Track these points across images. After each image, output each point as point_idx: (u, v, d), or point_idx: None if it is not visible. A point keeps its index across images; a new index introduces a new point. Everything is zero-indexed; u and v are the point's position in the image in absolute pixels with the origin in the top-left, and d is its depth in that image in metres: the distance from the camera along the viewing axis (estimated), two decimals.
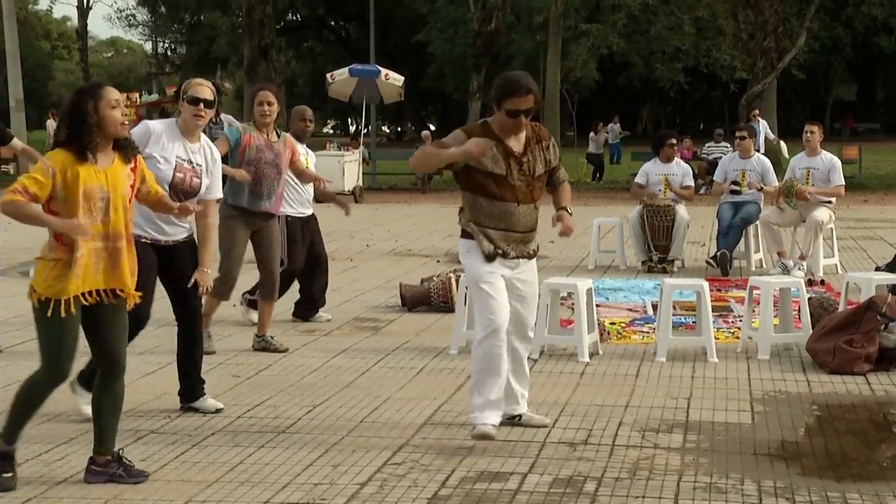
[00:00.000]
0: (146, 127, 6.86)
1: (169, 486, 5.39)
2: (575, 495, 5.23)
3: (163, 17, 67.33)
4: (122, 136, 5.43)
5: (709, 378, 7.69)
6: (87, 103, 5.32)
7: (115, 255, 5.41)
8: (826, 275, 12.09)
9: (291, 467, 5.67)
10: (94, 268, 5.34)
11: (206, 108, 6.84)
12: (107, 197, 5.34)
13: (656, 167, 13.36)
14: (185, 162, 6.74)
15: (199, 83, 6.97)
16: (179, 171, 6.68)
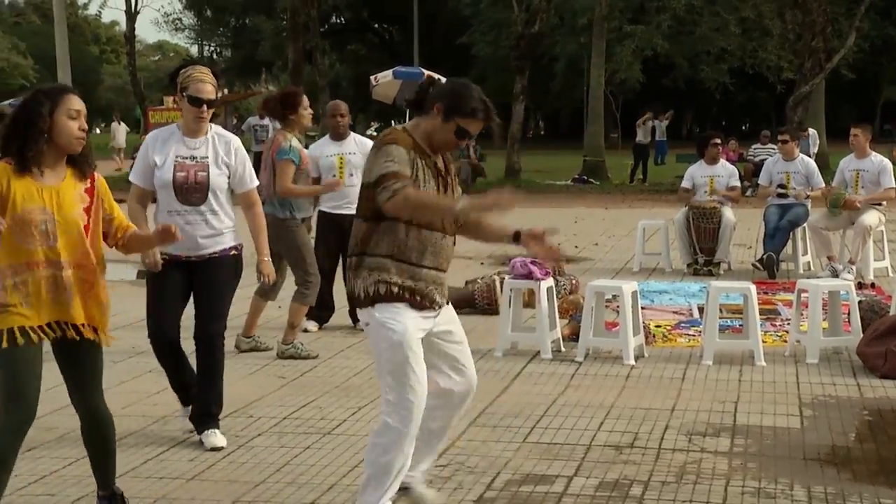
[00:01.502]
0: (147, 140, 6.36)
1: (216, 486, 5.42)
2: (621, 499, 5.21)
3: (209, 20, 67.74)
4: (75, 151, 4.77)
5: (756, 382, 7.62)
6: (44, 106, 4.68)
7: (68, 285, 4.74)
8: (877, 278, 11.98)
9: (337, 468, 5.68)
10: (44, 297, 4.70)
11: (208, 108, 6.26)
12: (50, 219, 4.69)
13: (701, 169, 13.28)
14: (185, 159, 6.20)
15: (199, 78, 6.22)
16: (180, 170, 6.16)
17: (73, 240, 4.72)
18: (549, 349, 8.46)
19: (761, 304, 9.20)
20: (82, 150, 4.80)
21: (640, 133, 32.40)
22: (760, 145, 28.01)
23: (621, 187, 29.64)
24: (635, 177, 31.56)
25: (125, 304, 9.57)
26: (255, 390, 7.39)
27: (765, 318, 9.31)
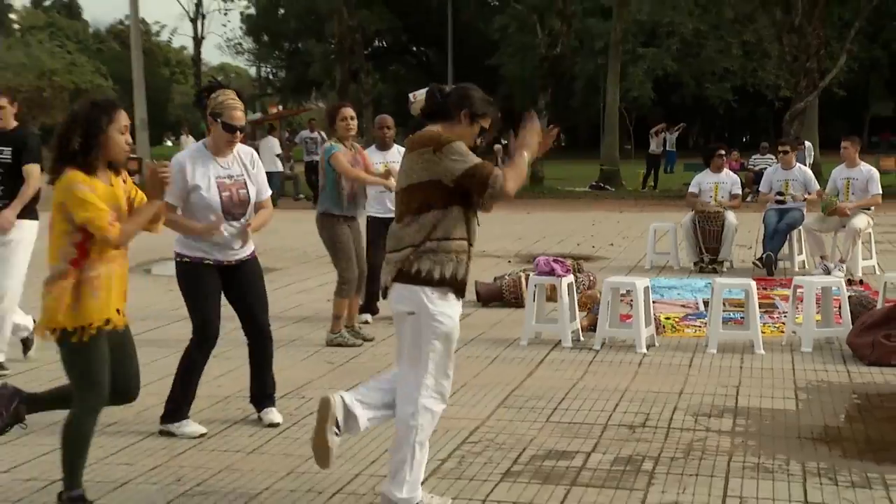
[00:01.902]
0: (177, 165, 5.87)
1: (273, 459, 5.46)
2: (634, 473, 5.21)
3: (266, 45, 68.01)
4: (121, 162, 4.79)
5: (756, 368, 7.60)
6: (102, 120, 4.65)
7: (126, 276, 4.86)
8: (865, 275, 11.91)
9: (380, 444, 5.70)
10: (115, 288, 4.75)
11: (240, 133, 6.08)
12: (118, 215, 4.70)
13: (707, 177, 13.29)
14: (224, 179, 6.00)
15: (232, 105, 5.96)
16: (224, 190, 5.97)
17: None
18: (570, 338, 8.46)
19: (760, 299, 9.16)
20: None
21: (652, 144, 32.31)
22: (760, 156, 27.86)
23: (634, 193, 29.57)
24: (647, 184, 31.47)
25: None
26: (307, 374, 7.43)
27: (764, 311, 9.27)
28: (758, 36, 36.71)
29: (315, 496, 4.88)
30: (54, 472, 4.93)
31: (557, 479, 5.11)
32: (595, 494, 4.89)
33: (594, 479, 5.11)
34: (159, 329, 9.11)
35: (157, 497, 4.89)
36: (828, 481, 5.08)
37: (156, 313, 9.61)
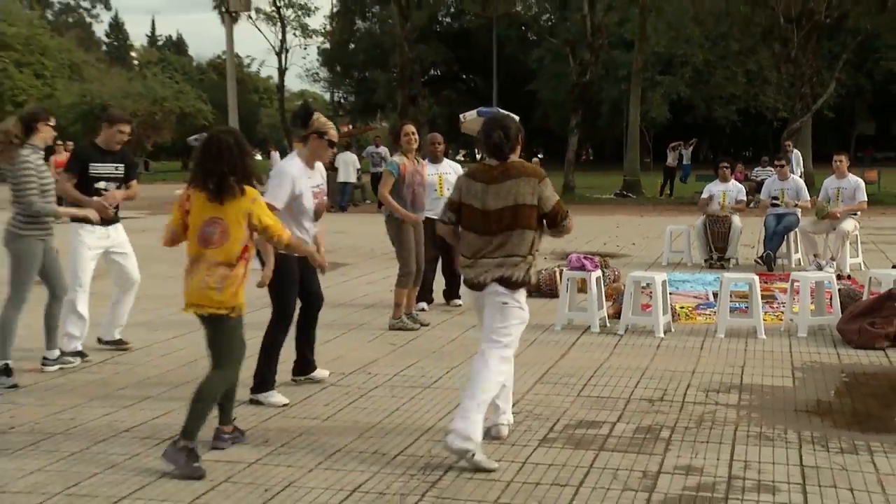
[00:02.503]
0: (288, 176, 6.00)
1: (345, 426, 5.47)
2: (653, 440, 5.16)
3: (338, 74, 68.37)
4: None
5: (758, 351, 7.50)
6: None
7: None
8: (852, 271, 11.73)
9: (435, 414, 5.70)
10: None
11: (335, 147, 6.31)
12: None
13: (717, 186, 13.19)
14: (314, 188, 6.15)
15: (332, 125, 6.19)
16: (316, 198, 6.15)
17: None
18: (598, 324, 8.40)
19: (762, 291, 9.03)
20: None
21: (669, 158, 32.03)
22: (761, 168, 27.50)
23: (653, 200, 29.33)
24: (664, 192, 31.20)
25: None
26: (372, 354, 7.44)
27: (765, 302, 9.14)
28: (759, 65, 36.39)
29: (380, 457, 4.88)
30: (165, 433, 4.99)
31: (587, 445, 5.07)
32: (619, 458, 4.85)
33: (619, 445, 5.07)
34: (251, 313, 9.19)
35: (249, 455, 4.92)
36: (820, 448, 5.00)
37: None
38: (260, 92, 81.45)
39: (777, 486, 4.44)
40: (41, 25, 51.03)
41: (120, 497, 4.31)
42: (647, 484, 4.46)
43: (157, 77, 52.04)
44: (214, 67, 74.95)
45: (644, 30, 33.71)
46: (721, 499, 4.27)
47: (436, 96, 61.52)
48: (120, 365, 7.14)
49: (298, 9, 53.57)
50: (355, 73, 67.75)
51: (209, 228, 4.75)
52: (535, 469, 4.68)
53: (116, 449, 5.03)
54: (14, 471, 4.72)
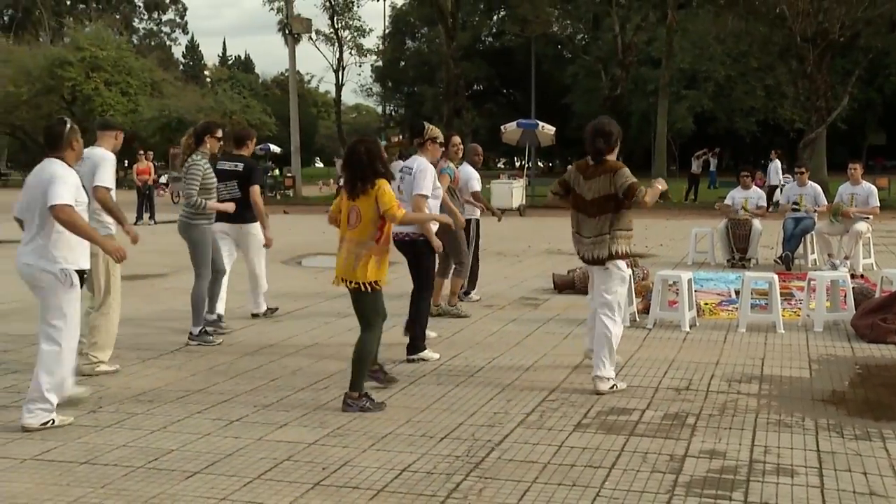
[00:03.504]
0: (430, 169, 6.95)
1: (395, 410, 5.46)
2: (680, 425, 5.09)
3: (389, 89, 68.54)
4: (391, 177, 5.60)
5: (777, 344, 7.37)
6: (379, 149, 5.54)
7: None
8: (865, 271, 11.52)
9: (478, 400, 5.67)
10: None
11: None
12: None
13: (738, 192, 13.02)
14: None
15: (439, 132, 7.26)
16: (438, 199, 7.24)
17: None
18: (628, 319, 8.30)
19: (781, 289, 8.87)
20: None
21: (693, 165, 31.71)
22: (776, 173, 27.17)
23: (678, 204, 29.01)
24: (688, 197, 30.88)
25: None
26: None
27: (783, 299, 8.99)
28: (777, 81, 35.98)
29: (427, 440, 4.86)
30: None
31: (618, 430, 5.02)
32: (649, 442, 4.79)
33: (648, 430, 5.00)
34: (310, 307, 9.23)
35: (308, 436, 4.93)
36: (836, 434, 4.90)
37: (304, 294, 9.72)
38: (318, 106, 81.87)
39: (795, 469, 4.35)
40: (128, 49, 51.75)
41: (193, 472, 4.35)
42: (674, 466, 4.40)
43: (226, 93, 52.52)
44: (278, 84, 75.57)
45: (671, 48, 33.42)
46: (743, 481, 4.19)
47: (478, 109, 61.32)
48: (192, 353, 7.20)
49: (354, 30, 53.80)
50: (405, 88, 67.90)
51: (350, 215, 5.49)
52: (571, 452, 4.64)
53: (190, 428, 5.07)
54: (102, 445, 4.78)
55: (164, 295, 10.11)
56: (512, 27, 46.17)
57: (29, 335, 7.74)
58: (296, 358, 6.91)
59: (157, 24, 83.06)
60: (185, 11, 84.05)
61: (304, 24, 37.56)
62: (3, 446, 4.77)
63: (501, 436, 4.91)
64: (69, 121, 5.37)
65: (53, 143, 5.21)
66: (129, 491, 4.10)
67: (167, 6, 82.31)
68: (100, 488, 4.14)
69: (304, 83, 74.93)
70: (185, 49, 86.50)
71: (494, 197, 24.59)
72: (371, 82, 69.87)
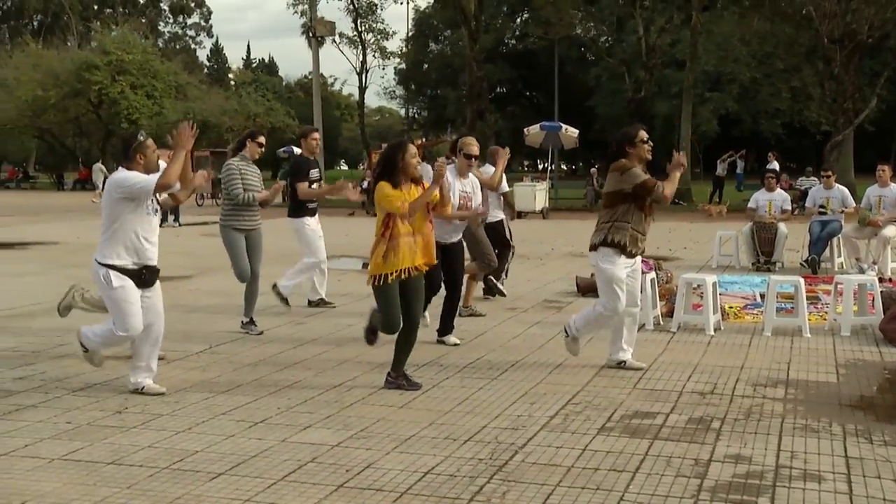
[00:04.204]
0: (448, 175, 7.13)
1: (418, 413, 5.47)
2: (704, 430, 5.06)
3: (413, 91, 68.53)
4: (416, 177, 5.85)
5: (803, 348, 7.31)
6: (399, 153, 5.78)
7: (418, 244, 5.82)
8: (893, 274, 11.37)
9: (501, 403, 5.66)
10: (407, 254, 5.75)
11: (474, 161, 7.80)
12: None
13: (763, 195, 12.97)
14: (462, 192, 7.63)
15: (470, 143, 7.76)
16: (461, 200, 7.57)
17: (419, 219, 5.85)
18: (652, 322, 8.28)
19: (807, 293, 8.80)
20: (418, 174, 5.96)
21: (718, 168, 31.53)
22: (805, 178, 26.99)
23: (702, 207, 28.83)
24: (713, 199, 30.66)
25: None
26: (444, 347, 7.43)
27: (809, 302, 8.90)
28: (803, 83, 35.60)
29: (451, 442, 4.86)
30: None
31: (642, 434, 4.99)
32: (673, 446, 4.76)
33: (672, 434, 4.97)
34: (335, 309, 9.27)
35: (330, 438, 4.94)
36: (864, 440, 4.85)
37: (329, 296, 9.72)
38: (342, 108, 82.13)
39: (822, 475, 4.30)
40: (153, 52, 52.17)
41: (217, 473, 4.37)
42: (699, 471, 4.37)
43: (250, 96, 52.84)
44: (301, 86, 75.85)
45: (695, 50, 33.20)
46: (769, 486, 4.16)
47: (501, 112, 61.29)
48: (216, 355, 7.24)
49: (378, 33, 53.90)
50: (428, 91, 67.90)
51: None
52: (594, 456, 4.62)
53: (214, 430, 5.10)
54: (128, 445, 4.81)
55: (188, 297, 10.17)
56: (535, 29, 46.05)
57: (56, 332, 7.82)
58: (320, 360, 6.93)
59: (182, 28, 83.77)
60: (209, 15, 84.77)
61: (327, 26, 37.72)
62: (33, 446, 4.83)
63: (525, 439, 4.89)
64: (142, 134, 5.83)
65: (122, 154, 5.75)
66: (154, 491, 4.13)
67: (192, 10, 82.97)
68: (126, 488, 4.17)
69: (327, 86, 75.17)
70: (209, 52, 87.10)
71: (518, 199, 24.55)
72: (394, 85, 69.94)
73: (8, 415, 5.45)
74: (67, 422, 5.27)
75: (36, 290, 10.66)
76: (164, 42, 76.39)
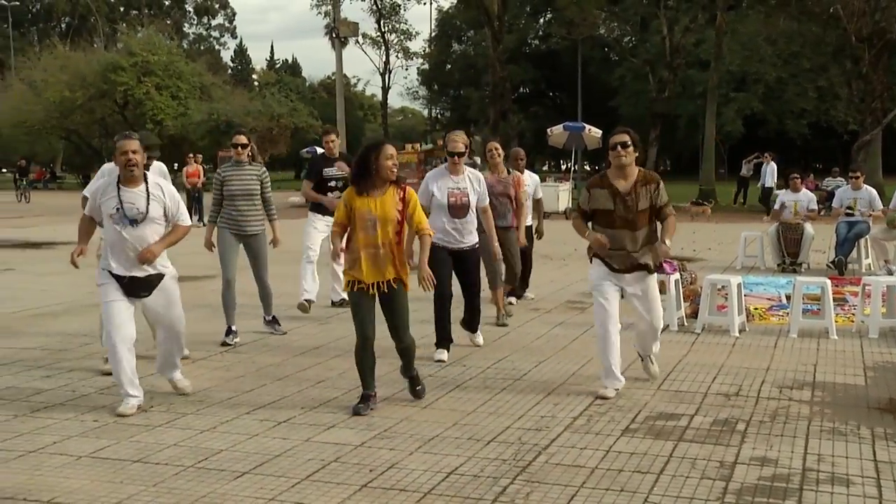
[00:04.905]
0: (425, 181, 7.04)
1: (441, 413, 5.47)
2: (729, 432, 5.02)
3: (435, 92, 68.67)
4: (390, 179, 5.32)
5: (830, 350, 7.24)
6: (372, 154, 5.29)
7: (386, 258, 5.31)
8: None
9: (524, 404, 5.65)
10: (372, 267, 5.29)
11: (459, 158, 6.99)
12: (374, 219, 5.27)
13: (789, 196, 12.85)
14: (454, 189, 6.96)
15: (454, 140, 6.99)
16: (452, 196, 6.93)
17: (388, 231, 5.30)
18: (676, 323, 8.24)
19: (834, 294, 8.72)
20: (395, 176, 5.36)
21: (743, 169, 31.28)
22: (831, 178, 26.70)
23: (727, 208, 28.66)
24: (737, 200, 30.47)
25: None
26: (468, 348, 7.42)
27: (836, 304, 8.82)
28: (830, 82, 35.29)
29: (474, 443, 4.85)
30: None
31: (667, 435, 4.96)
32: (698, 449, 4.73)
33: (697, 436, 4.94)
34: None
35: (353, 438, 4.95)
36: (893, 444, 4.78)
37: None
38: (365, 109, 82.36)
39: (851, 479, 4.26)
40: (178, 53, 52.55)
41: (242, 472, 4.39)
42: (724, 473, 4.34)
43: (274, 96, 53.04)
44: (325, 87, 76.09)
45: (720, 50, 32.98)
46: (796, 489, 4.12)
47: (524, 112, 61.19)
48: (240, 355, 7.28)
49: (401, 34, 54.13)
50: (451, 91, 67.95)
51: None
52: (618, 457, 4.60)
53: (239, 429, 5.12)
54: (154, 444, 4.85)
55: (211, 297, 10.23)
56: (558, 30, 45.98)
57: (82, 331, 7.90)
58: (342, 360, 6.94)
59: (206, 29, 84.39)
60: (233, 16, 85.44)
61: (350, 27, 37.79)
62: (61, 443, 4.88)
63: (548, 440, 4.88)
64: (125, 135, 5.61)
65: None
66: (179, 490, 4.15)
67: (216, 11, 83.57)
68: (151, 486, 4.20)
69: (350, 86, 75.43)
70: (233, 53, 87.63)
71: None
72: (417, 85, 70.11)
73: (37, 412, 5.51)
74: (94, 420, 5.32)
75: (62, 290, 10.77)
76: (189, 43, 76.93)
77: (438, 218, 6.92)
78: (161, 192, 5.58)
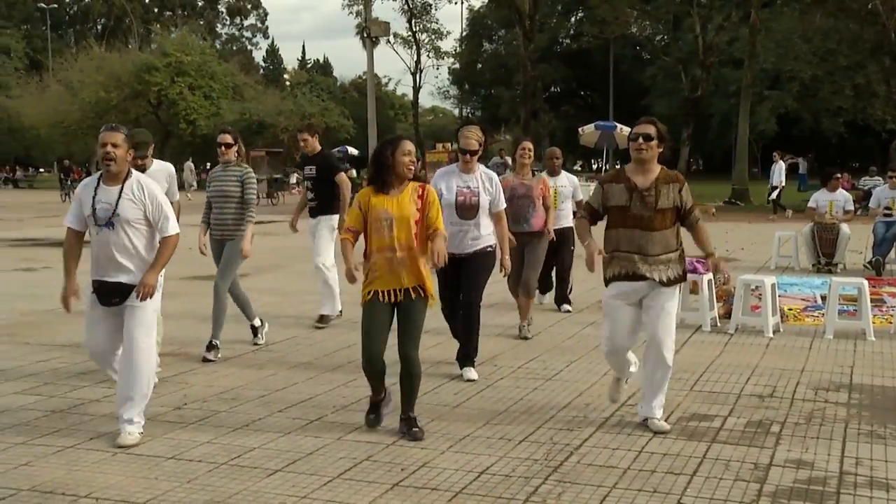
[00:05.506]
0: (434, 177, 6.58)
1: (472, 412, 5.46)
2: (764, 434, 4.97)
3: (466, 91, 68.65)
4: (407, 177, 4.94)
5: (868, 352, 7.14)
6: (388, 150, 4.94)
7: (403, 263, 4.89)
8: None
9: (556, 403, 5.63)
10: (388, 272, 4.89)
11: (471, 156, 6.45)
12: (390, 217, 4.88)
13: (824, 195, 12.68)
14: (463, 188, 6.40)
15: (467, 136, 6.45)
16: (460, 196, 6.38)
17: (405, 232, 4.89)
18: (709, 324, 8.17)
19: (871, 295, 8.58)
20: (414, 173, 5.00)
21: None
22: (868, 177, 26.40)
23: (760, 208, 28.37)
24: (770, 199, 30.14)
25: None
26: (499, 347, 7.42)
27: (874, 305, 8.68)
28: (867, 79, 34.82)
29: (506, 443, 4.85)
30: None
31: (700, 437, 4.92)
32: (731, 450, 4.68)
33: (730, 438, 4.89)
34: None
35: (385, 436, 4.96)
36: None
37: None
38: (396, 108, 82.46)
39: (891, 483, 4.19)
40: (211, 54, 53.06)
41: (274, 470, 4.42)
42: (759, 475, 4.30)
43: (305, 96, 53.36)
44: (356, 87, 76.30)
45: (754, 48, 32.63)
46: (833, 493, 4.07)
47: (555, 111, 60.94)
48: (272, 353, 7.32)
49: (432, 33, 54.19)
50: (482, 91, 67.89)
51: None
52: (651, 458, 4.57)
53: (271, 427, 5.15)
54: (187, 441, 4.90)
55: None
56: (590, 29, 45.74)
57: None
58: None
59: (238, 29, 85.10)
60: (265, 16, 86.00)
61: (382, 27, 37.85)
62: (97, 439, 4.94)
63: (580, 440, 4.86)
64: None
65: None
66: (213, 486, 4.19)
67: (249, 11, 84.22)
68: (185, 483, 4.24)
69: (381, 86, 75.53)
70: (265, 53, 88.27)
71: None
72: (448, 85, 70.12)
73: (74, 408, 5.59)
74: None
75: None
76: (222, 43, 77.62)
77: (444, 219, 6.54)
78: (142, 192, 4.92)
